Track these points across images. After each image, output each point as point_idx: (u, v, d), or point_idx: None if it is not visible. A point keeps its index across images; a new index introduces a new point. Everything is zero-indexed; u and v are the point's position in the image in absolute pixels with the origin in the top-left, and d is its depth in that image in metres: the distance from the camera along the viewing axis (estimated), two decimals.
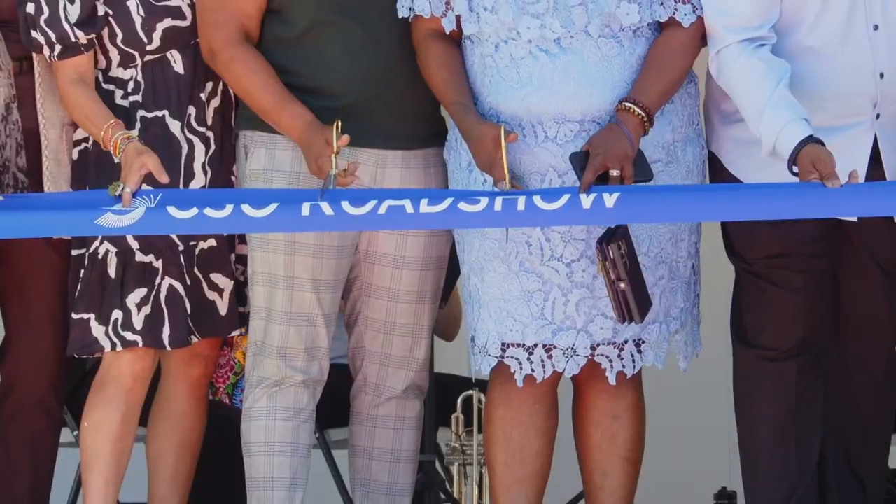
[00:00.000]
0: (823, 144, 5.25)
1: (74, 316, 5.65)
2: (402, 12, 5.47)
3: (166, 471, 5.77)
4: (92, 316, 5.61)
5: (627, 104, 5.28)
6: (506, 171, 5.20)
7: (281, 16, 5.67)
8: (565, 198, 5.11)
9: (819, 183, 5.26)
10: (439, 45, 5.44)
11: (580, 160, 5.20)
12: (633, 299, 5.21)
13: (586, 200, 5.09)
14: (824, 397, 5.65)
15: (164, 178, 5.40)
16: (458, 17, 5.40)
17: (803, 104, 5.38)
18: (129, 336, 5.58)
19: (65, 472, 6.12)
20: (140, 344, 5.59)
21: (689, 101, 5.49)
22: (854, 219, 5.56)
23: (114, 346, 5.58)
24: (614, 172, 5.14)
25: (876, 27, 5.53)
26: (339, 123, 5.31)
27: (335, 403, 5.75)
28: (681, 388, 5.85)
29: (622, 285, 5.17)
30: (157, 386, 5.90)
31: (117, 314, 5.58)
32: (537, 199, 5.13)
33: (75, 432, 6.43)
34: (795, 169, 5.23)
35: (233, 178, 5.76)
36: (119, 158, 5.48)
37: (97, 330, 5.60)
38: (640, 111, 5.28)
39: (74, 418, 6.49)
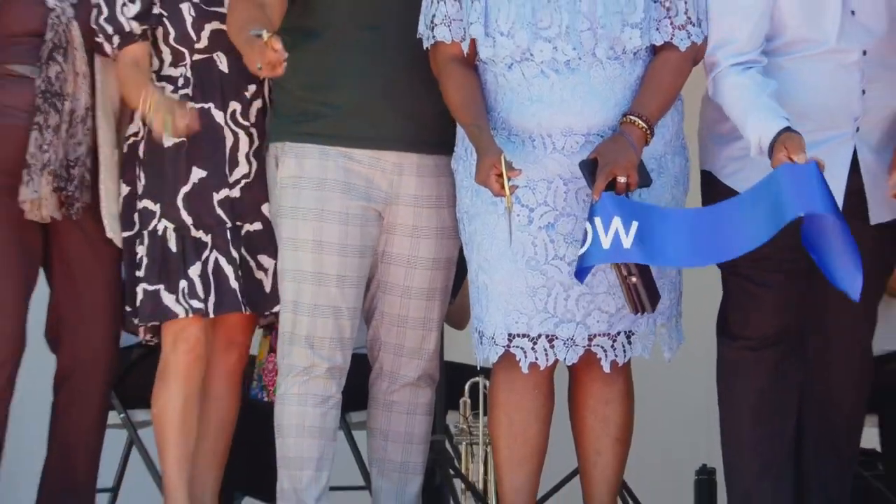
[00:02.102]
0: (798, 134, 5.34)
1: (148, 287, 5.66)
2: (426, 42, 5.48)
3: (205, 449, 5.80)
4: (161, 287, 5.64)
5: (632, 117, 5.33)
6: (507, 191, 5.19)
7: (309, 28, 5.64)
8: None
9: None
10: (458, 69, 5.44)
11: (589, 167, 5.25)
12: (644, 292, 5.24)
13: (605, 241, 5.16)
14: (800, 382, 5.68)
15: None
16: (473, 41, 5.42)
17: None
18: (195, 304, 5.64)
19: (112, 452, 6.14)
20: (205, 310, 5.64)
21: (676, 117, 5.55)
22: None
23: (186, 312, 5.62)
24: (622, 179, 5.21)
25: (865, 52, 5.58)
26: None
27: (355, 389, 5.76)
28: (664, 377, 5.83)
29: (633, 279, 5.21)
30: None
31: (183, 284, 5.63)
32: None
33: (121, 415, 6.62)
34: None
35: None
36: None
37: (168, 299, 5.63)
38: (643, 124, 5.33)
39: (121, 402, 6.64)
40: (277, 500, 5.71)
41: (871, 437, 6.78)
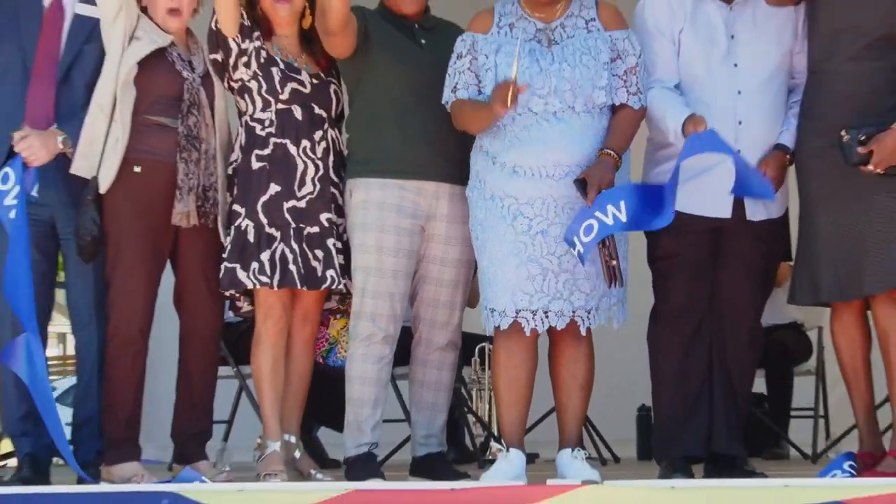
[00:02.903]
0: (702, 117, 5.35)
1: (228, 265, 5.59)
2: (448, 101, 5.43)
3: (290, 393, 5.77)
4: (237, 266, 5.59)
5: (608, 150, 5.30)
6: (515, 74, 5.14)
7: (371, 98, 5.63)
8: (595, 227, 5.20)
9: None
10: (466, 101, 5.39)
11: (580, 184, 5.23)
12: (618, 272, 5.28)
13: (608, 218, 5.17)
14: (708, 347, 5.62)
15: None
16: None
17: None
18: (263, 279, 5.56)
19: (227, 395, 6.23)
20: (270, 283, 5.56)
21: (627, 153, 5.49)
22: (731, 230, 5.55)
23: (254, 284, 5.56)
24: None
25: (739, 92, 5.53)
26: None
27: (400, 351, 5.73)
28: (615, 342, 5.77)
29: (614, 263, 5.25)
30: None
31: (255, 265, 5.57)
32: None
33: (234, 369, 6.82)
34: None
35: (332, 189, 5.66)
36: None
37: (241, 274, 5.58)
38: (615, 155, 5.31)
39: (235, 360, 6.87)
40: (345, 429, 5.70)
41: (760, 385, 6.92)
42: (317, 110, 5.71)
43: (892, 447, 5.49)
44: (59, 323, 6.46)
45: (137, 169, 5.63)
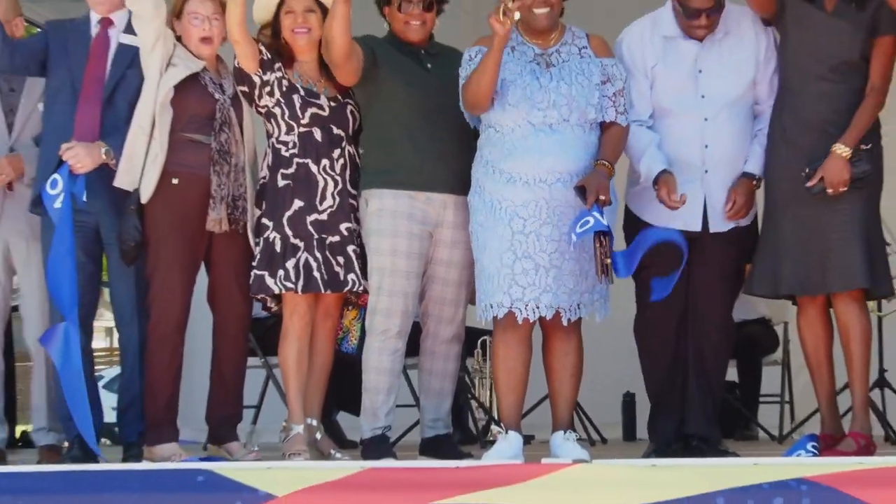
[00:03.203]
0: (673, 175, 5.41)
1: (257, 273, 5.57)
2: (461, 86, 5.37)
3: (312, 383, 5.74)
4: (266, 273, 5.57)
5: (603, 161, 5.29)
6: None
7: (383, 115, 5.57)
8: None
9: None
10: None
11: (580, 191, 5.19)
12: (610, 270, 5.21)
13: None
14: (686, 341, 5.65)
15: None
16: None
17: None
18: (288, 284, 5.54)
19: (256, 383, 6.20)
20: (295, 288, 5.53)
21: None
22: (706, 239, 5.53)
23: (279, 289, 5.53)
24: (601, 197, 5.16)
25: (706, 119, 5.52)
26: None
27: (410, 344, 5.71)
28: (602, 336, 5.70)
29: (608, 260, 5.20)
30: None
31: (281, 272, 5.55)
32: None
33: (262, 359, 6.78)
34: (656, 187, 5.43)
35: (350, 200, 5.63)
36: None
37: (269, 281, 5.56)
38: (610, 165, 5.29)
39: (263, 352, 6.83)
40: (361, 414, 5.68)
41: (732, 374, 6.86)
42: (335, 131, 5.68)
43: (852, 429, 5.47)
44: (106, 318, 6.47)
45: (175, 181, 5.62)
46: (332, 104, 5.69)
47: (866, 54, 5.35)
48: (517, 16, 5.18)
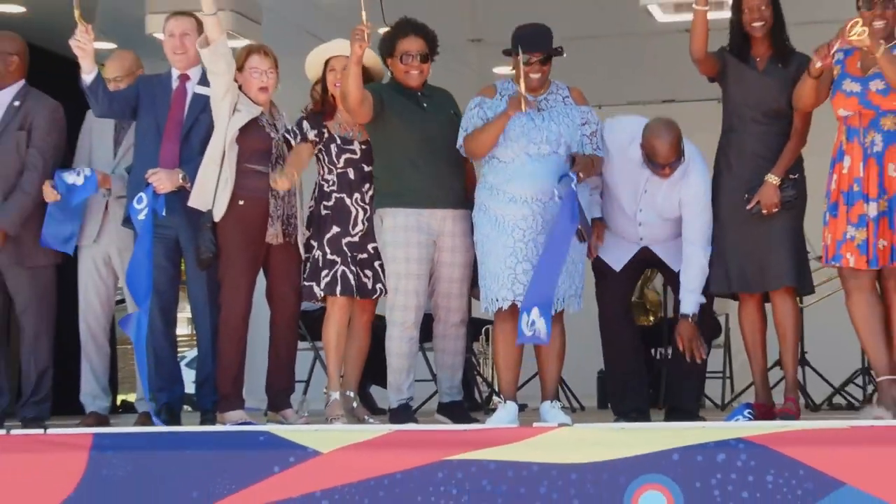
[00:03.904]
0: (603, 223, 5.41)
1: (305, 284, 5.56)
2: (462, 138, 5.30)
3: (350, 362, 5.71)
4: (313, 283, 5.55)
5: (592, 154, 5.26)
6: (522, 91, 5.06)
7: (390, 144, 5.49)
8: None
9: None
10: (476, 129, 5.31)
11: (571, 162, 5.17)
12: (588, 237, 5.22)
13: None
14: (638, 332, 5.64)
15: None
16: None
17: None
18: (328, 291, 5.53)
19: (306, 363, 6.12)
20: (334, 294, 5.52)
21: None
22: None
23: (323, 294, 5.52)
24: (581, 175, 5.16)
25: (640, 224, 5.47)
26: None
27: (425, 331, 5.70)
28: (580, 325, 5.61)
29: (586, 240, 5.23)
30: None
31: (323, 282, 5.53)
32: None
33: (310, 343, 6.70)
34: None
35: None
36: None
37: (315, 289, 5.54)
38: (595, 162, 5.28)
39: (311, 337, 6.80)
40: (388, 388, 5.63)
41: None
42: (366, 169, 5.63)
43: (788, 396, 5.41)
44: (187, 311, 6.45)
45: (241, 202, 5.58)
46: (363, 147, 5.62)
47: (790, 103, 5.32)
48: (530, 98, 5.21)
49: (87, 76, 5.56)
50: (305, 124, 5.61)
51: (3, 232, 5.69)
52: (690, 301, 5.38)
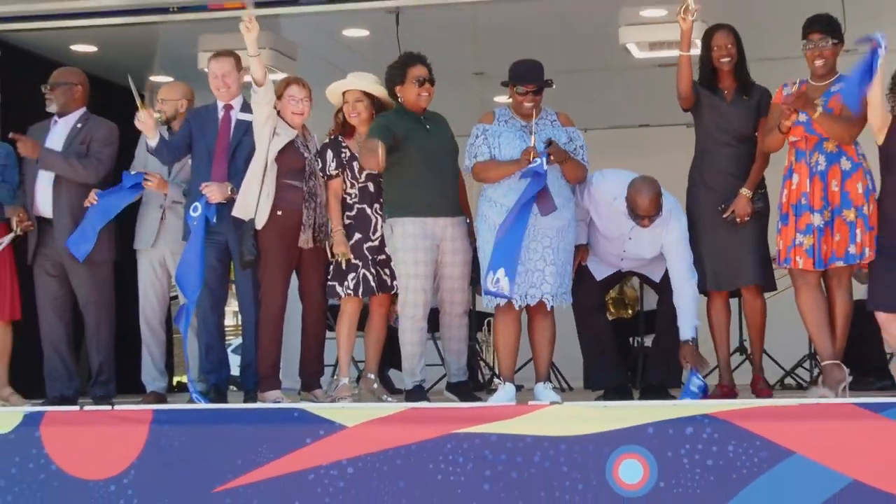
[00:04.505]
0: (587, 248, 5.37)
1: (329, 283, 5.54)
2: (469, 165, 5.27)
3: (370, 349, 5.67)
4: (336, 283, 5.54)
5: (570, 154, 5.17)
6: (533, 142, 5.05)
7: (399, 166, 5.38)
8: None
9: None
10: (489, 161, 5.25)
11: (548, 144, 5.08)
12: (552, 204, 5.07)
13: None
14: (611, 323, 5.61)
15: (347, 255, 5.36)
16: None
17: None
18: (350, 290, 5.52)
19: (332, 351, 5.97)
20: (353, 294, 5.52)
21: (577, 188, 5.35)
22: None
23: (346, 294, 5.52)
24: (552, 157, 5.07)
25: (622, 259, 5.48)
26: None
27: (433, 322, 5.62)
28: (567, 316, 5.52)
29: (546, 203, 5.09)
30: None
31: (346, 283, 5.52)
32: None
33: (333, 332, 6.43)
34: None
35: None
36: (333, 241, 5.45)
37: (339, 288, 5.53)
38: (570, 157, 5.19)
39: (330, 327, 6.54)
40: (403, 371, 5.55)
41: None
42: (382, 182, 5.57)
43: (755, 375, 5.41)
44: (234, 305, 6.51)
45: (279, 213, 5.56)
46: None
47: (755, 128, 5.35)
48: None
49: (151, 142, 5.65)
50: (329, 156, 5.58)
51: (36, 147, 5.60)
52: (688, 327, 5.29)
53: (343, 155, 5.57)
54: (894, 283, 4.88)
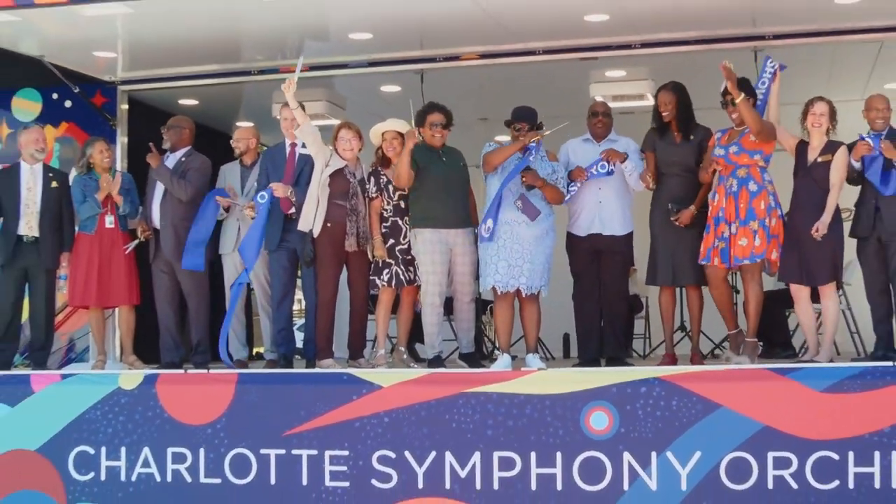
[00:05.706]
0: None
1: (370, 277, 5.46)
2: (483, 155, 5.14)
3: (401, 327, 5.59)
4: (375, 277, 5.46)
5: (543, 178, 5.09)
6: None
7: (421, 187, 5.32)
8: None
9: None
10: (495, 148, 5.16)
11: (527, 171, 5.03)
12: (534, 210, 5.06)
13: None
14: (600, 301, 5.40)
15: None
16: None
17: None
18: (385, 283, 5.45)
19: (372, 328, 5.80)
20: (388, 286, 5.43)
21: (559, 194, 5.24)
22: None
23: (381, 285, 5.44)
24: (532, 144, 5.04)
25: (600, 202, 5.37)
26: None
27: (447, 307, 5.56)
28: (553, 301, 5.38)
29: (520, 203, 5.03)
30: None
31: (383, 277, 5.45)
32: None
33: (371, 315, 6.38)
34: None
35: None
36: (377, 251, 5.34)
37: (377, 281, 5.45)
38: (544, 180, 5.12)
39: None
40: (426, 344, 5.46)
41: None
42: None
43: (693, 351, 5.35)
44: (299, 295, 6.50)
45: (329, 224, 5.51)
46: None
47: (698, 162, 5.32)
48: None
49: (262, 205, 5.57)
50: (371, 181, 5.52)
51: (158, 157, 5.70)
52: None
53: (381, 181, 5.52)
54: (794, 261, 4.99)
